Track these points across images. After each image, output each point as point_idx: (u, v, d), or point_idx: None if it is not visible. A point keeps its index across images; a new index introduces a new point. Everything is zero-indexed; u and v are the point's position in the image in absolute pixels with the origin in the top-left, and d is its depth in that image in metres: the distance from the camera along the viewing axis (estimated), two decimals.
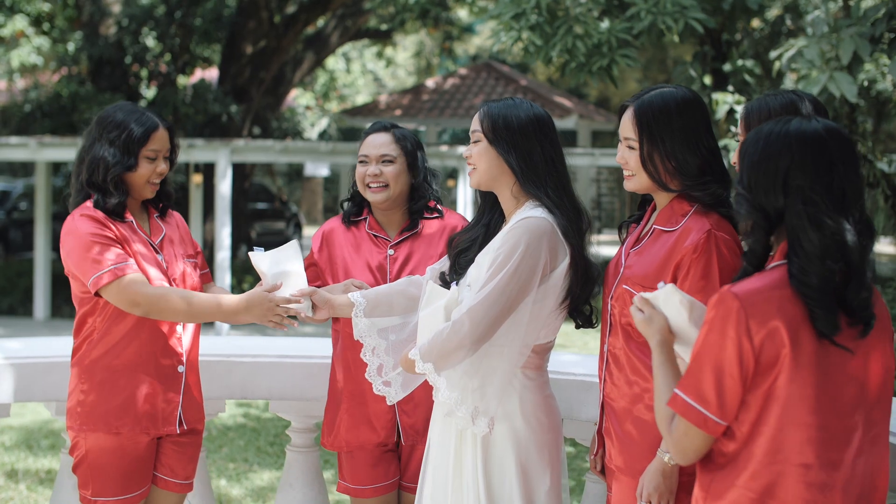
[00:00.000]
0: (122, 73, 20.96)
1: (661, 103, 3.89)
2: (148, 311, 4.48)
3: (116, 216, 4.59)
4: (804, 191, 2.99)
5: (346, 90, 39.16)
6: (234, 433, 11.02)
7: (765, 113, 3.54)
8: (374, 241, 4.88)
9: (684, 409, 3.06)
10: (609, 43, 9.32)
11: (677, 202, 3.93)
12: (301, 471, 5.34)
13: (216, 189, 18.79)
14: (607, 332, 4.05)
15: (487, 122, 4.08)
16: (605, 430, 4.09)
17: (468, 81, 27.59)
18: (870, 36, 8.34)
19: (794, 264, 2.99)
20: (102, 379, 4.58)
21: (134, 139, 4.57)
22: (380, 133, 4.89)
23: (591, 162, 23.96)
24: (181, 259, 4.77)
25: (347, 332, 4.75)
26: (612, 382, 4.02)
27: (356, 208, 4.95)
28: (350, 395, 4.85)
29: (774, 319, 2.97)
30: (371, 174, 4.80)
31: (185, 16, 20.72)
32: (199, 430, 4.85)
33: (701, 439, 3.08)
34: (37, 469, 9.46)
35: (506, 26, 9.38)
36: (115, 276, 4.45)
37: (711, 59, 11.43)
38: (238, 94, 21.24)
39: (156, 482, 4.78)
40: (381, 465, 4.88)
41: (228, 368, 5.33)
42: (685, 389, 3.07)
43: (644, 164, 3.90)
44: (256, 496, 8.82)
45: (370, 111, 26.22)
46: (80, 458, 4.63)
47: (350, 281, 4.67)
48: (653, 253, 3.92)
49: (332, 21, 23.19)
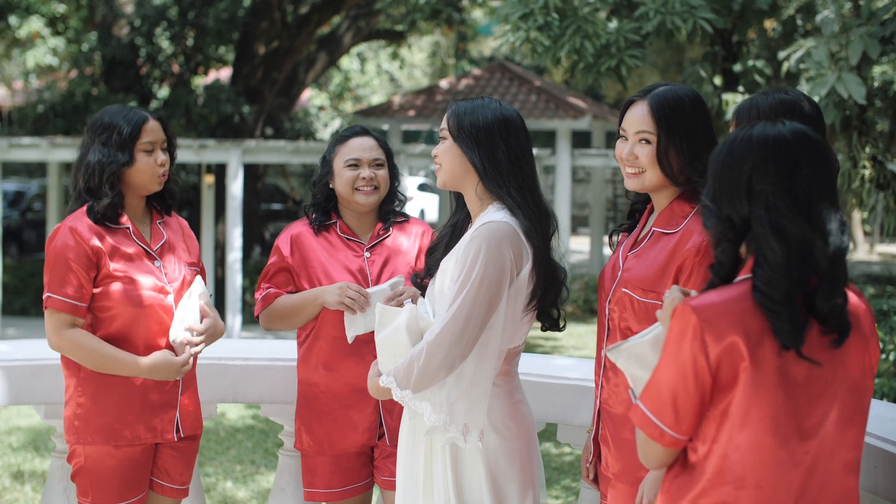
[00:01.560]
0: (134, 74, 20.96)
1: (675, 97, 3.86)
2: (59, 349, 4.57)
3: (109, 220, 4.57)
4: (766, 196, 2.87)
5: (362, 90, 39.15)
6: (242, 435, 11.01)
7: (755, 112, 3.48)
8: (348, 245, 4.89)
9: (642, 420, 3.01)
10: (617, 43, 9.29)
11: (677, 204, 3.89)
12: (293, 475, 5.29)
13: (227, 190, 18.78)
14: (605, 337, 4.00)
15: (453, 120, 4.05)
16: (601, 437, 4.04)
17: (482, 82, 27.50)
18: (880, 36, 8.28)
19: (758, 276, 2.87)
20: (99, 389, 4.58)
21: (125, 135, 4.56)
22: (365, 137, 4.92)
23: (605, 163, 23.90)
24: (182, 266, 4.74)
25: (331, 333, 4.76)
26: (610, 388, 3.97)
27: (325, 215, 4.93)
28: (333, 396, 4.81)
29: (732, 335, 2.86)
30: (365, 177, 4.83)
31: (198, 16, 20.69)
32: (196, 435, 4.84)
33: (659, 450, 3.02)
34: (43, 470, 9.46)
35: (513, 26, 9.35)
36: (57, 305, 4.52)
37: (722, 60, 11.38)
38: (251, 94, 21.22)
39: (153, 487, 4.76)
40: (356, 467, 4.88)
41: (221, 371, 5.31)
42: (644, 400, 3.01)
43: (660, 159, 3.85)
44: (263, 498, 8.80)
45: (383, 112, 26.15)
46: (79, 467, 4.62)
47: (345, 284, 4.68)
48: (653, 256, 3.87)
49: (345, 21, 23.16)
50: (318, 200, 4.95)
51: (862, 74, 8.40)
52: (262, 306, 4.86)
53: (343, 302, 4.64)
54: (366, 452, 4.89)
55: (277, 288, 4.85)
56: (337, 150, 4.90)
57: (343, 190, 4.85)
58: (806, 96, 3.53)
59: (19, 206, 27.41)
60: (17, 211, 27.13)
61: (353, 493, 4.88)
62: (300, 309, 4.78)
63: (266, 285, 4.87)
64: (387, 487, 4.79)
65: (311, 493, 4.91)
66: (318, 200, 4.94)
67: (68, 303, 4.51)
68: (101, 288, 4.54)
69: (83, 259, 4.51)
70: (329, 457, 4.85)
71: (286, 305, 4.81)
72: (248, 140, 19.57)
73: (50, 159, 18.99)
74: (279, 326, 4.85)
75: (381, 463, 4.85)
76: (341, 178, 4.85)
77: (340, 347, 4.76)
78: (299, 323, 4.82)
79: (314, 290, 4.76)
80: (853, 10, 9.31)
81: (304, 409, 4.90)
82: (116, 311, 4.55)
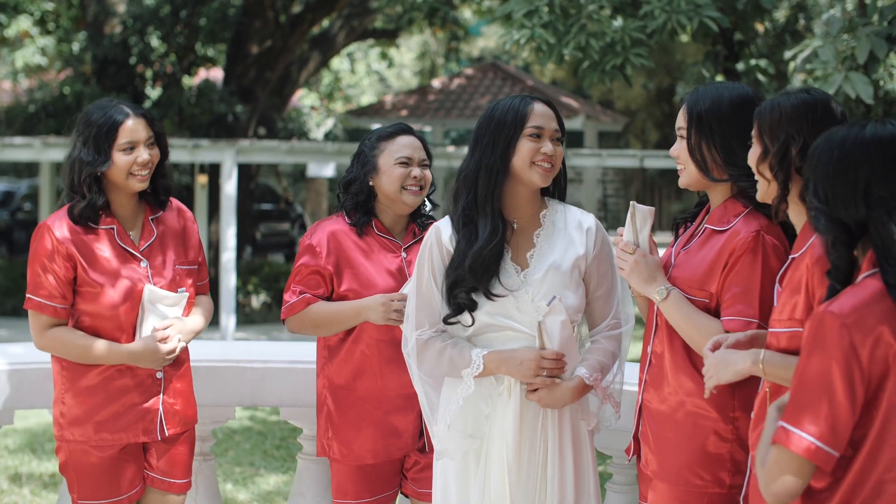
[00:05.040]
0: (126, 73, 20.88)
1: (714, 94, 3.86)
2: (43, 349, 4.60)
3: (90, 221, 4.54)
4: (887, 201, 2.80)
5: (351, 90, 39.13)
6: (240, 437, 10.95)
7: (776, 114, 3.44)
8: (385, 245, 4.72)
9: (800, 444, 2.80)
10: (622, 42, 9.25)
11: (731, 203, 3.87)
12: (313, 479, 5.22)
13: (221, 190, 18.72)
14: (652, 334, 3.98)
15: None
16: (641, 435, 4.02)
17: (474, 82, 27.47)
18: (886, 35, 8.26)
19: (889, 274, 2.80)
20: (81, 391, 4.58)
21: (102, 135, 4.50)
22: (411, 136, 4.76)
23: (597, 163, 23.85)
24: (172, 265, 4.68)
25: (374, 336, 4.62)
26: (653, 386, 3.95)
27: (367, 215, 4.73)
28: (375, 403, 4.65)
29: (879, 326, 2.77)
30: (416, 176, 4.67)
31: (191, 16, 20.63)
32: (188, 431, 4.78)
33: (803, 474, 2.84)
34: (41, 473, 9.39)
35: (517, 24, 9.30)
36: (35, 307, 4.53)
37: (724, 59, 11.36)
38: (243, 94, 21.16)
39: (150, 482, 4.74)
40: (388, 475, 4.75)
41: (238, 374, 5.24)
42: (794, 422, 2.82)
43: (692, 153, 3.86)
44: (263, 500, 8.74)
45: (376, 112, 26.12)
46: (64, 462, 4.66)
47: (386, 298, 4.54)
48: (702, 254, 3.86)
49: (339, 21, 23.12)
50: (360, 199, 4.73)
51: (868, 74, 8.38)
52: (293, 310, 4.66)
53: (391, 318, 4.50)
54: (399, 461, 4.76)
55: (308, 290, 4.66)
56: (383, 147, 4.71)
57: (390, 188, 4.66)
58: (830, 96, 3.50)
59: (9, 207, 27.38)
60: (6, 211, 27.08)
61: (382, 502, 4.75)
62: (339, 321, 4.62)
63: (299, 288, 4.67)
64: (429, 500, 4.61)
65: (343, 503, 4.75)
66: (361, 199, 4.73)
67: (46, 304, 4.50)
68: (76, 291, 4.54)
69: (59, 259, 4.49)
70: (362, 466, 4.68)
71: (323, 314, 4.63)
72: (242, 140, 19.53)
73: (42, 159, 18.95)
74: (310, 333, 4.70)
75: (418, 475, 4.71)
76: (389, 175, 4.65)
77: (384, 352, 4.61)
78: (334, 332, 4.67)
79: (355, 306, 4.58)
80: (859, 8, 9.28)
81: (338, 418, 4.71)
82: (86, 317, 4.55)
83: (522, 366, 3.99)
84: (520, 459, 4.06)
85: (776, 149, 3.42)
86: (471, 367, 4.02)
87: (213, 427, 5.26)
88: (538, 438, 4.08)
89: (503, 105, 4.16)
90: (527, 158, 4.07)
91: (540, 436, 4.08)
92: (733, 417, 3.80)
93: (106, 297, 4.53)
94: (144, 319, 4.58)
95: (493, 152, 4.09)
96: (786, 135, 3.41)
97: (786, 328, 3.37)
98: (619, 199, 33.55)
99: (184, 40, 21.21)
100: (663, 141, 35.45)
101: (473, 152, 4.13)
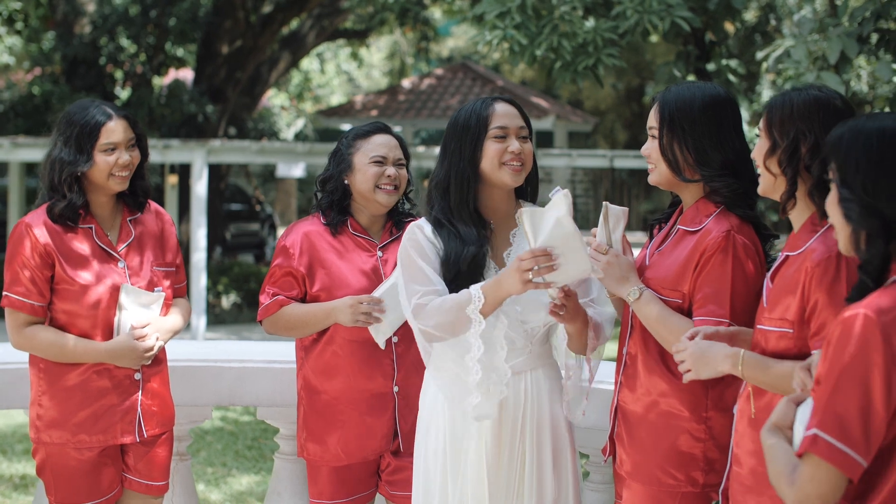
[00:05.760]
0: (96, 73, 20.80)
1: (686, 94, 3.88)
2: (20, 348, 4.60)
3: (69, 220, 4.54)
4: None
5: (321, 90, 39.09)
6: (211, 437, 10.92)
7: (787, 109, 3.44)
8: (360, 245, 4.72)
9: (828, 451, 2.65)
10: (595, 42, 9.26)
11: (703, 203, 3.89)
12: (290, 479, 5.22)
13: (192, 190, 18.67)
14: (627, 335, 4.01)
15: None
16: (616, 436, 4.05)
17: (444, 82, 27.53)
18: (857, 35, 8.32)
19: None
20: (59, 393, 4.57)
21: (84, 135, 4.51)
22: (388, 134, 4.75)
23: (567, 163, 23.94)
24: (150, 266, 4.68)
25: (346, 337, 4.63)
26: (628, 387, 3.98)
27: (342, 214, 4.73)
28: (349, 404, 4.65)
29: None
30: (390, 175, 4.65)
31: (160, 16, 20.55)
32: (166, 432, 4.78)
33: (839, 487, 2.68)
34: (11, 475, 9.34)
35: (490, 25, 9.31)
36: (12, 304, 4.54)
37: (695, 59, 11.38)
38: (214, 94, 21.10)
39: (128, 485, 4.74)
40: (364, 476, 4.75)
41: (216, 374, 5.23)
42: (824, 427, 2.66)
43: (664, 153, 3.87)
44: (235, 500, 8.72)
45: (346, 112, 26.14)
46: (41, 464, 4.65)
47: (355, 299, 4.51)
48: (675, 255, 3.88)
49: (309, 21, 23.08)
50: (335, 198, 4.73)
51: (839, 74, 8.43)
52: (267, 312, 4.68)
53: (359, 320, 4.50)
54: (375, 461, 4.75)
55: (282, 292, 4.66)
56: (359, 146, 4.70)
57: (364, 187, 4.65)
58: (839, 94, 3.51)
59: None
60: None
61: (358, 502, 4.75)
62: (311, 323, 4.62)
63: (273, 289, 4.68)
64: (401, 502, 4.66)
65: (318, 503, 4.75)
66: (336, 198, 4.73)
67: (25, 302, 4.51)
68: (53, 289, 4.54)
69: (37, 257, 4.49)
70: (337, 467, 4.69)
71: (295, 317, 4.63)
72: (213, 140, 19.46)
73: (11, 159, 18.83)
74: (284, 334, 4.71)
75: (392, 478, 4.71)
76: (364, 174, 4.64)
77: (357, 352, 4.62)
78: (307, 333, 4.67)
79: (325, 307, 4.58)
80: (830, 9, 9.34)
81: (313, 418, 4.71)
82: (62, 315, 4.55)
83: (513, 275, 3.85)
84: (499, 458, 4.08)
85: (786, 144, 3.41)
86: (473, 301, 3.94)
87: (190, 427, 5.25)
88: (517, 438, 4.09)
89: (465, 110, 4.18)
90: (495, 160, 4.09)
91: (519, 436, 4.09)
92: (706, 417, 3.83)
93: (83, 295, 4.53)
94: (122, 318, 4.57)
95: (461, 158, 4.11)
96: (796, 131, 3.41)
97: (775, 328, 3.38)
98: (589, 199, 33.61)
99: (154, 40, 21.14)
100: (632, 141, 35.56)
101: (443, 160, 4.16)
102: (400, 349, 4.67)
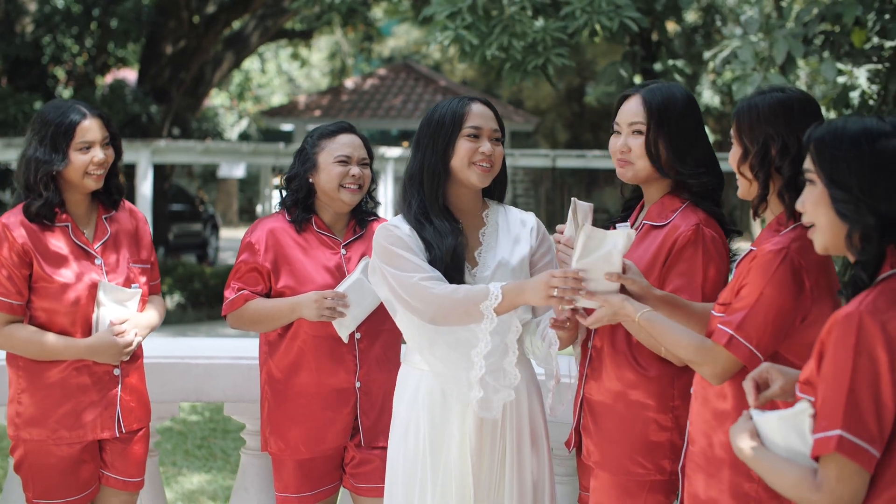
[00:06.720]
0: (38, 73, 20.65)
1: (667, 92, 3.96)
2: (0, 346, 4.60)
3: (46, 218, 4.55)
4: None
5: (261, 91, 38.97)
6: (160, 436, 10.85)
7: (754, 114, 3.49)
8: (325, 242, 4.77)
9: (849, 447, 2.66)
10: (544, 42, 9.33)
11: (668, 198, 3.97)
12: (256, 474, 5.25)
13: (137, 190, 18.59)
14: (592, 330, 4.05)
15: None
16: (583, 427, 4.10)
17: (387, 82, 27.54)
18: (802, 37, 8.45)
19: None
20: (38, 389, 4.58)
21: (59, 134, 4.52)
22: (353, 134, 4.81)
23: (510, 163, 24.00)
24: (126, 263, 4.70)
25: (309, 332, 4.68)
26: (594, 378, 4.03)
27: (306, 212, 4.79)
28: (311, 398, 4.70)
29: None
30: (354, 175, 4.71)
31: (104, 15, 20.44)
32: (142, 428, 4.81)
33: (865, 482, 2.69)
34: None
35: (440, 25, 9.34)
36: None
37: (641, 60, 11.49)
38: (158, 94, 21.02)
39: (105, 481, 4.75)
40: (328, 470, 4.80)
41: (184, 370, 5.26)
42: (848, 427, 2.66)
43: (649, 149, 3.93)
44: (187, 499, 8.70)
45: (289, 112, 26.09)
46: (19, 461, 4.64)
47: (319, 295, 4.56)
48: (642, 249, 3.93)
49: (253, 21, 23.05)
50: (300, 196, 4.78)
51: (785, 74, 8.57)
52: (231, 307, 4.73)
53: (323, 314, 4.56)
54: (338, 455, 4.80)
55: (247, 287, 4.71)
56: (323, 145, 4.76)
57: (328, 186, 4.71)
58: (801, 91, 3.59)
59: None
60: None
61: (323, 495, 4.79)
62: (275, 317, 4.66)
63: (238, 284, 4.73)
64: (365, 494, 4.72)
65: (284, 497, 4.78)
66: (301, 196, 4.78)
67: (3, 301, 4.51)
68: (32, 287, 4.55)
69: (15, 256, 4.49)
70: (300, 460, 4.73)
71: (259, 311, 4.68)
72: (158, 140, 19.39)
73: None
74: (249, 329, 4.75)
75: (355, 471, 4.76)
76: (328, 173, 4.70)
77: (320, 346, 4.67)
78: (272, 328, 4.71)
79: (290, 302, 4.63)
80: (776, 10, 9.48)
81: (275, 412, 4.76)
82: (41, 313, 4.56)
83: (540, 287, 3.79)
84: (481, 452, 4.12)
85: (756, 149, 3.47)
86: (489, 298, 3.91)
87: (158, 423, 5.27)
88: (498, 431, 4.15)
89: (443, 106, 4.23)
90: (465, 158, 4.13)
91: (500, 429, 4.15)
92: (672, 406, 3.91)
93: (62, 292, 4.54)
94: (100, 314, 4.59)
95: (433, 153, 4.15)
96: (765, 136, 3.46)
97: (717, 313, 3.48)
98: (529, 198, 33.68)
99: (97, 40, 21.02)
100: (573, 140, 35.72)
101: (416, 154, 4.20)
102: (363, 345, 4.72)
